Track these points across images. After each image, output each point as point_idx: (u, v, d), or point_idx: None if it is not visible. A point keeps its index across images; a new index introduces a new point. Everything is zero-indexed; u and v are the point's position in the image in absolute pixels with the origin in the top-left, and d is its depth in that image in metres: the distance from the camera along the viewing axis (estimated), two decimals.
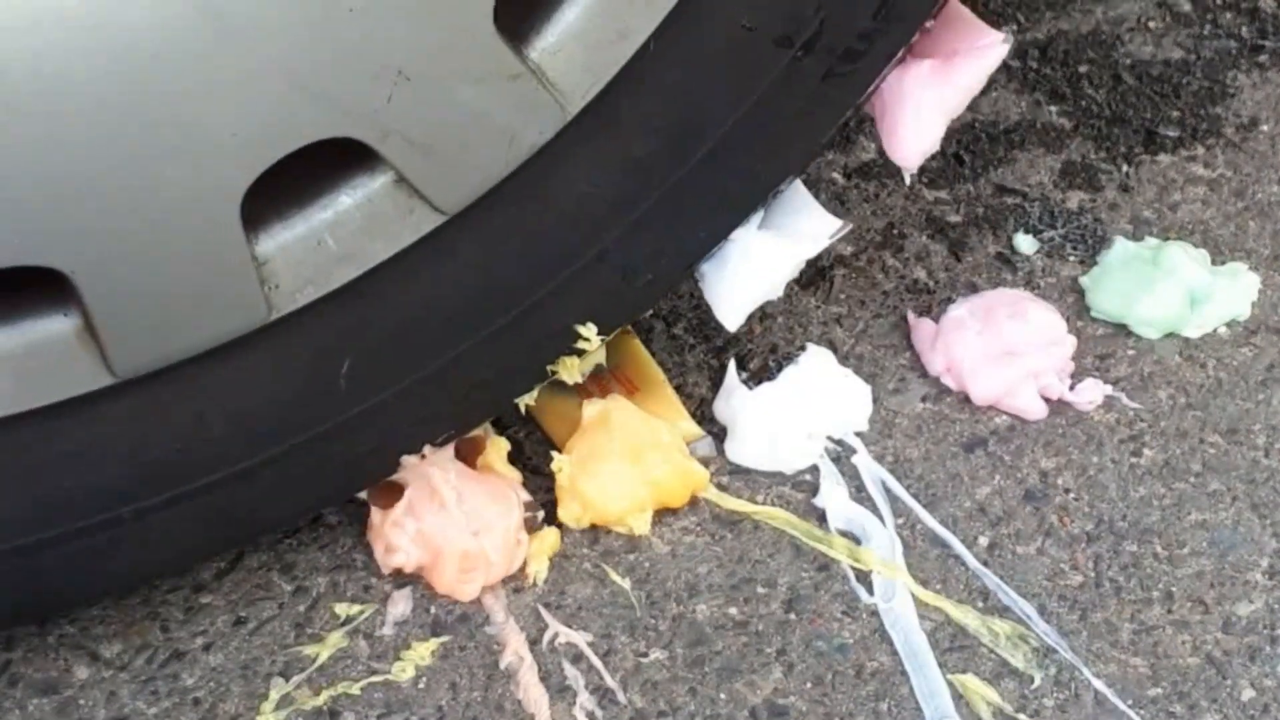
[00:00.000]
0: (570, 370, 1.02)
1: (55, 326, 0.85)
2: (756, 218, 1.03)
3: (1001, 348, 1.13)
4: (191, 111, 0.82)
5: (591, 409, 1.08)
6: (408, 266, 0.92)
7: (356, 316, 0.92)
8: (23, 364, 0.85)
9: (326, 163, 0.87)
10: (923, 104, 1.03)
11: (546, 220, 0.95)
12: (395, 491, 1.03)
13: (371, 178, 0.89)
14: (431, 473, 1.02)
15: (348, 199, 0.89)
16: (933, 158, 1.12)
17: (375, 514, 1.04)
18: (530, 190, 0.93)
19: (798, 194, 1.05)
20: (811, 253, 1.05)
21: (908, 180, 1.09)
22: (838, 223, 1.05)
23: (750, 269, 1.04)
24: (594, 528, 1.07)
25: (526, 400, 1.03)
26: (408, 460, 1.00)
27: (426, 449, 1.00)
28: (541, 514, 1.07)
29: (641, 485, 1.06)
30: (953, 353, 1.13)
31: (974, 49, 1.03)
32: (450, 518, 1.01)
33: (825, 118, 1.00)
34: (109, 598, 1.03)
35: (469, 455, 1.06)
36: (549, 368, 1.01)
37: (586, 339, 1.01)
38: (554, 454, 1.06)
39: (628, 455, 1.06)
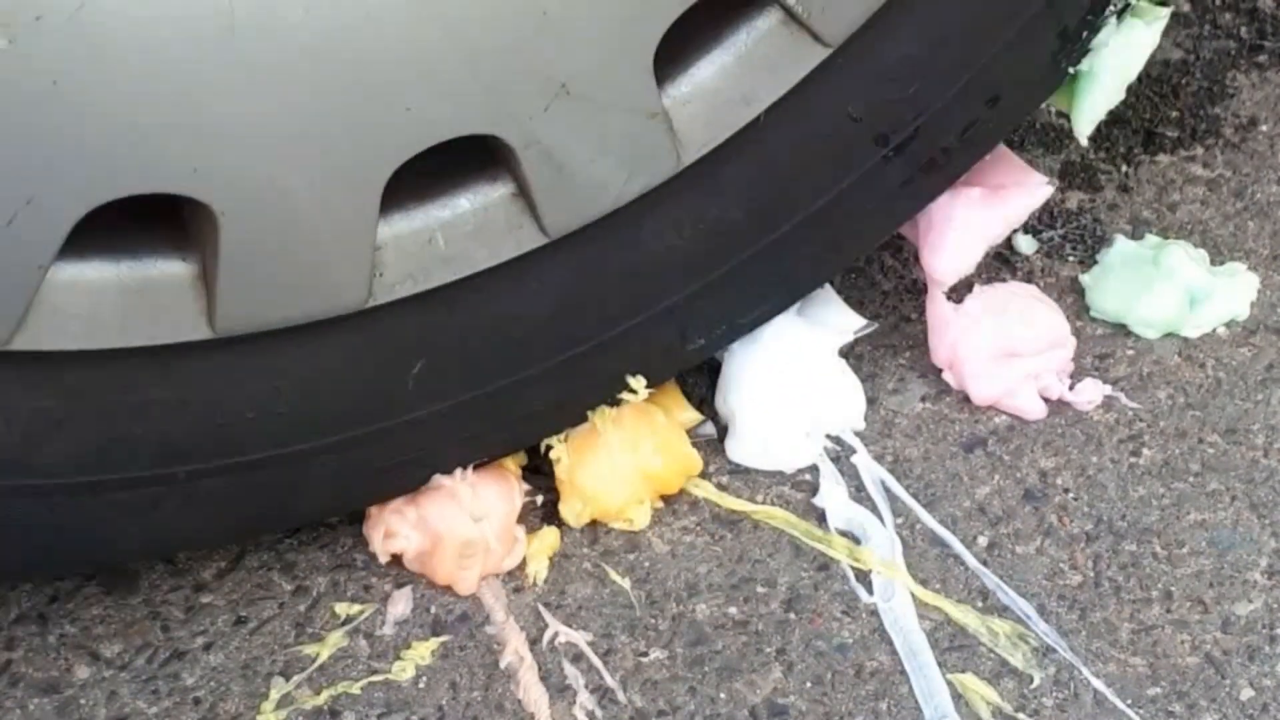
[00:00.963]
0: (604, 419, 1.04)
1: (173, 269, 0.86)
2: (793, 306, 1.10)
3: (1005, 349, 1.13)
4: (383, 79, 0.84)
5: None
6: (499, 281, 0.93)
7: (440, 321, 0.93)
8: (136, 299, 0.86)
9: (454, 163, 0.89)
10: (970, 227, 1.10)
11: (630, 264, 0.97)
12: None
13: (492, 186, 0.91)
14: None
15: (466, 203, 0.91)
16: None
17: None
18: (624, 231, 0.95)
19: (824, 288, 1.13)
20: (839, 344, 1.12)
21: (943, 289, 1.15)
22: (861, 320, 1.13)
23: (784, 353, 1.10)
24: (594, 525, 1.08)
25: None
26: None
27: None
28: (540, 498, 1.07)
29: (639, 474, 1.06)
30: (958, 350, 1.13)
31: (1021, 185, 1.12)
32: (452, 504, 1.01)
33: (889, 221, 1.07)
34: (131, 559, 1.02)
35: None
36: (588, 411, 1.03)
37: (634, 390, 1.03)
38: (554, 441, 1.06)
39: (624, 444, 1.06)
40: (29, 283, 0.82)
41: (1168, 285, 1.17)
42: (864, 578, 1.05)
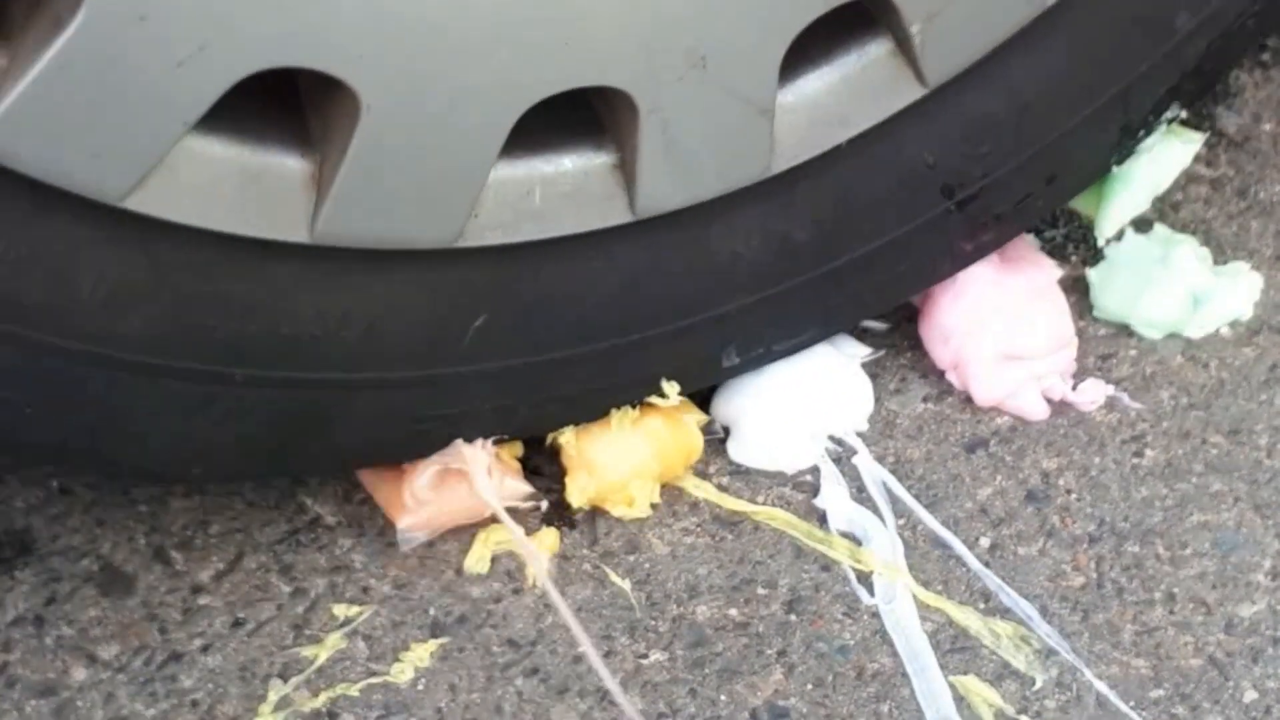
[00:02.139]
0: (620, 421, 1.05)
1: (291, 164, 0.86)
2: None
3: (1008, 351, 1.12)
4: (550, 11, 0.86)
5: None
6: (576, 251, 0.94)
7: (512, 278, 0.94)
8: (252, 186, 0.85)
9: (565, 121, 0.90)
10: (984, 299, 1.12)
11: (694, 264, 0.98)
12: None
13: (597, 153, 0.92)
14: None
15: (569, 163, 0.92)
16: None
17: (386, 478, 1.05)
18: (697, 228, 0.96)
19: None
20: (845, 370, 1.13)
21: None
22: (867, 349, 1.14)
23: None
24: (594, 525, 1.07)
25: None
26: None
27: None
28: (545, 504, 1.07)
29: (645, 444, 1.06)
30: (962, 352, 1.13)
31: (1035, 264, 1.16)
32: (472, 489, 1.02)
33: (931, 274, 1.09)
34: (156, 467, 1.01)
35: None
36: (614, 409, 1.04)
37: (665, 395, 1.04)
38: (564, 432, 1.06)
39: (631, 417, 1.06)
40: (165, 136, 0.81)
41: (1172, 285, 1.17)
42: (865, 579, 1.04)
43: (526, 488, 1.06)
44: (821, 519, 1.08)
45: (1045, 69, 1.02)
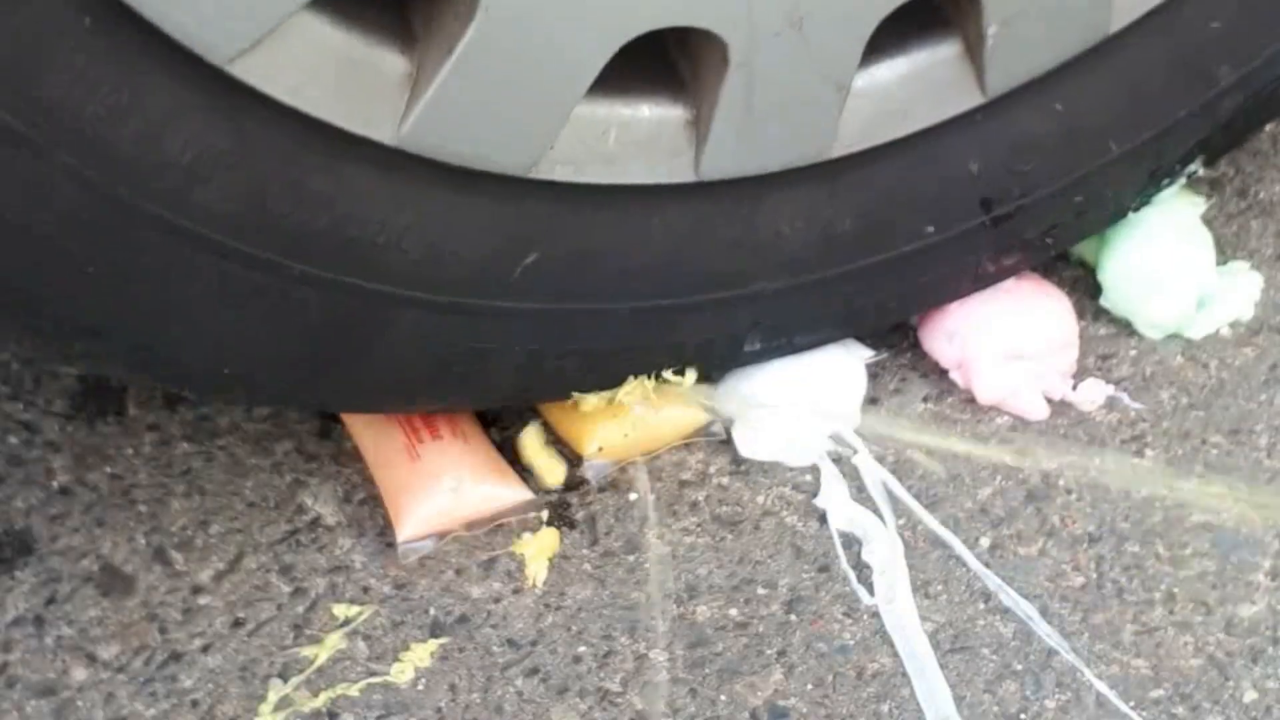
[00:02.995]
0: (631, 395, 1.06)
1: (393, 61, 0.86)
2: None
3: (1012, 350, 1.12)
4: None
5: None
6: (635, 203, 0.95)
7: (571, 220, 0.94)
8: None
9: (649, 68, 0.92)
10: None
11: (737, 237, 0.99)
12: None
13: (672, 105, 0.93)
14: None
15: (647, 111, 0.93)
16: None
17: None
18: (747, 202, 0.97)
19: None
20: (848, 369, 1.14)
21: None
22: (869, 350, 1.15)
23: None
24: (594, 526, 1.07)
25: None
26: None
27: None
28: (545, 514, 1.07)
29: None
30: (967, 350, 1.13)
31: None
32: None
33: (953, 289, 1.10)
34: (210, 372, 0.99)
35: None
36: (631, 376, 1.05)
37: (681, 376, 1.06)
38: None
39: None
40: (283, 6, 0.81)
41: (1181, 286, 1.16)
42: (865, 579, 1.04)
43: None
44: (821, 519, 1.08)
45: (1094, 98, 1.03)
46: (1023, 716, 0.97)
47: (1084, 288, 1.22)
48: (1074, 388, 1.14)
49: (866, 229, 1.02)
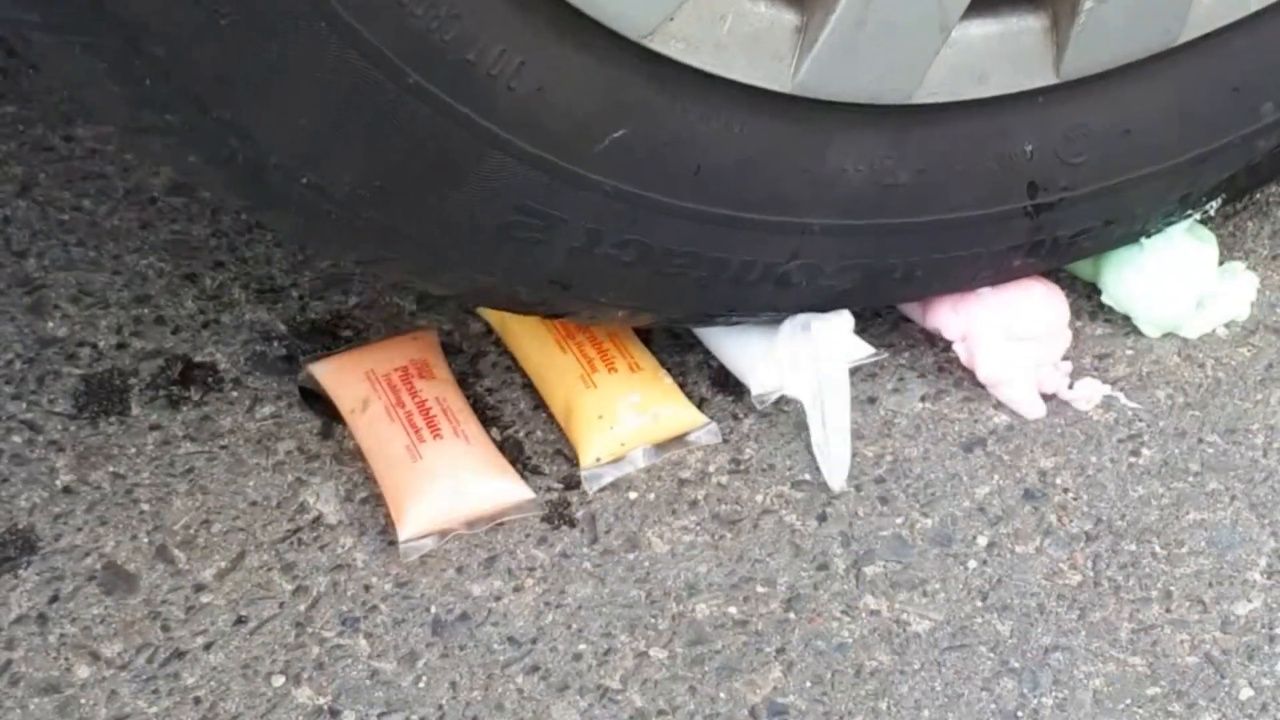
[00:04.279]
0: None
1: None
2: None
3: (1012, 328, 1.13)
4: None
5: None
6: (724, 100, 0.97)
7: (660, 99, 0.96)
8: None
9: None
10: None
11: (804, 168, 1.01)
12: None
13: (785, 9, 0.95)
14: None
15: (762, 8, 0.95)
16: None
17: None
18: (819, 135, 1.00)
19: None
20: (846, 363, 1.13)
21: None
22: (868, 350, 1.15)
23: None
24: (594, 525, 1.08)
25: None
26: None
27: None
28: (545, 499, 1.08)
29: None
30: (973, 324, 1.13)
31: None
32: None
33: (973, 274, 1.12)
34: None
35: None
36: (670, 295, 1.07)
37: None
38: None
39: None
40: None
41: (1183, 284, 1.17)
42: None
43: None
44: (820, 517, 1.08)
45: (1149, 105, 1.06)
46: (1020, 714, 0.98)
47: (1081, 287, 1.22)
48: (1070, 386, 1.15)
49: (920, 187, 1.04)
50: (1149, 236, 1.16)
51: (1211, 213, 1.16)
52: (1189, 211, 1.15)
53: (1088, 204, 1.09)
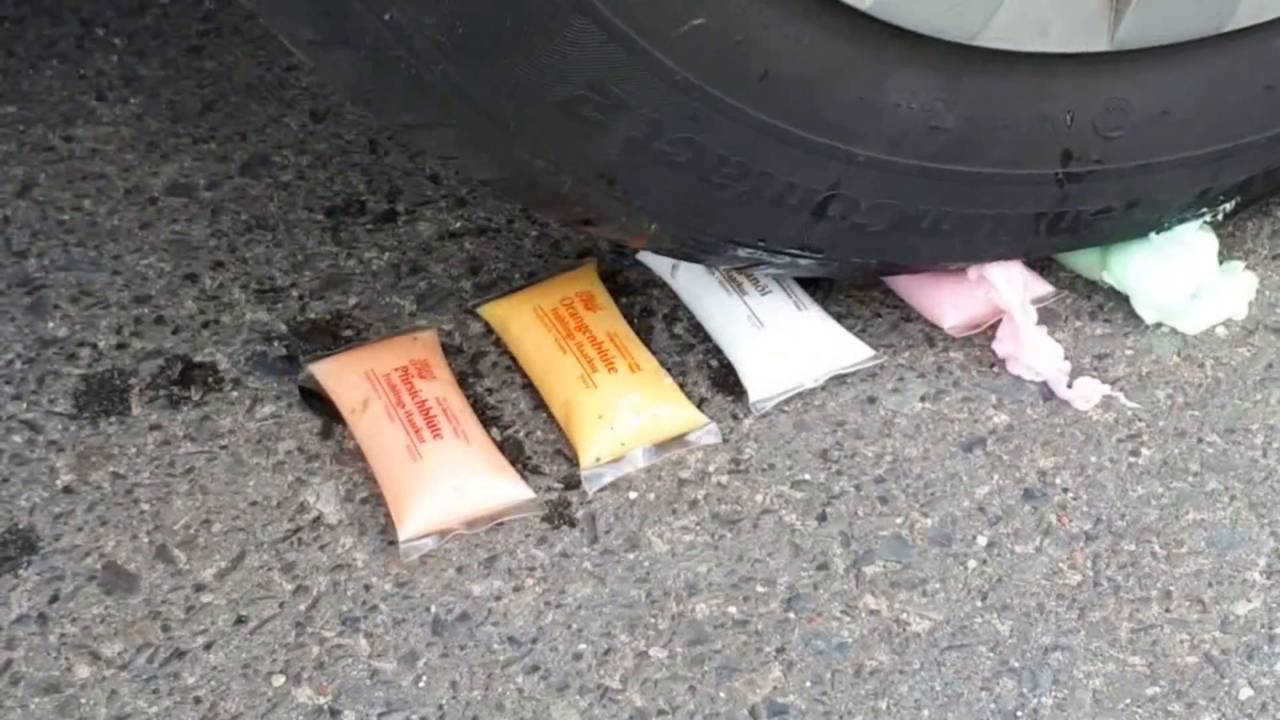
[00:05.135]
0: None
1: None
2: (817, 310, 1.18)
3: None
4: None
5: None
6: (800, 8, 0.97)
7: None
8: None
9: None
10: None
11: (869, 96, 1.01)
12: None
13: None
14: None
15: None
16: None
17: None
18: (884, 64, 1.01)
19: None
20: (849, 362, 1.17)
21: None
22: (868, 351, 1.17)
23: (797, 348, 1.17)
24: (595, 516, 1.08)
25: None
26: None
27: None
28: (545, 499, 1.08)
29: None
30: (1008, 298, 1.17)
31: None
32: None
33: (989, 242, 1.13)
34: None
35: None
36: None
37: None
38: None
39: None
40: None
41: (1185, 268, 1.17)
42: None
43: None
44: (820, 517, 1.09)
45: (1189, 90, 1.07)
46: (1020, 714, 0.98)
47: (1081, 287, 1.23)
48: (1069, 385, 1.15)
49: (963, 135, 1.05)
50: (1159, 232, 1.17)
51: (1222, 217, 1.17)
52: (1204, 209, 1.16)
53: (1115, 182, 1.10)
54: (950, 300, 1.18)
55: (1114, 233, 1.16)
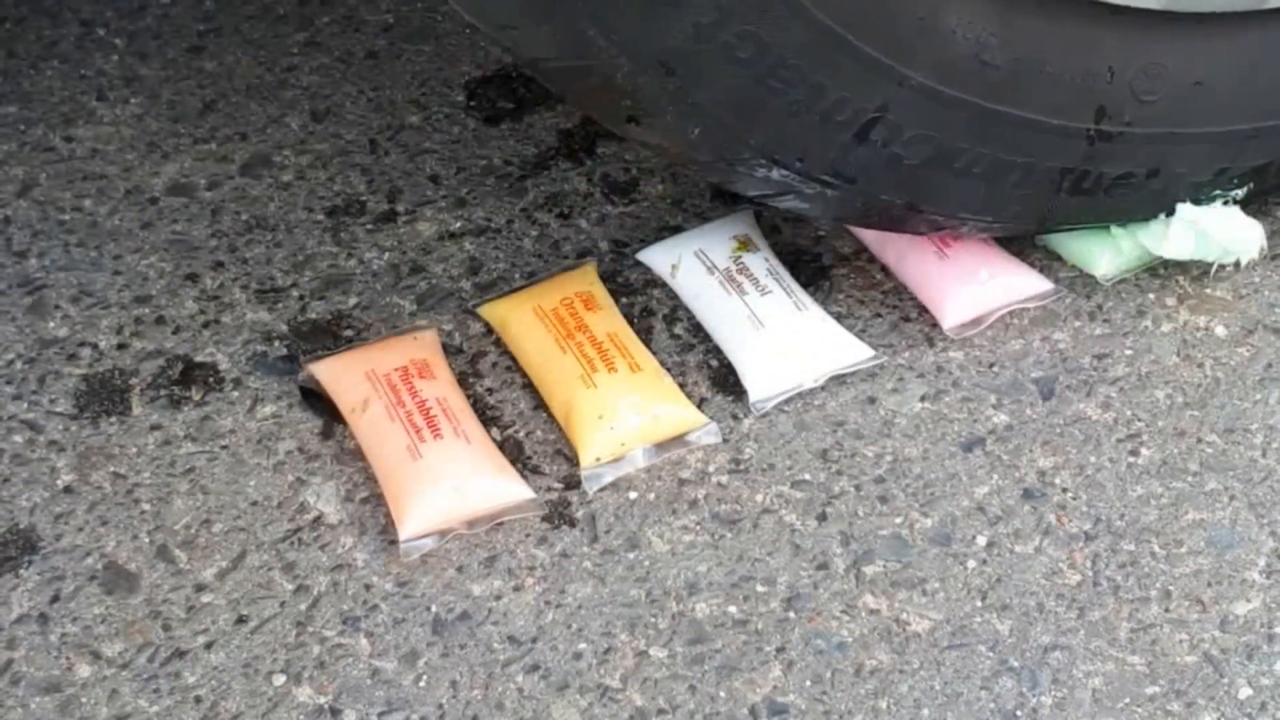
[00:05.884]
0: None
1: None
2: (817, 310, 1.19)
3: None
4: None
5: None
6: None
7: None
8: None
9: None
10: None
11: (928, 21, 1.03)
12: None
13: None
14: None
15: None
16: None
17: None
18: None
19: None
20: (849, 362, 1.18)
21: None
22: (868, 351, 1.18)
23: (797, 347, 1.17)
24: (595, 516, 1.08)
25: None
26: None
27: None
28: (545, 498, 1.08)
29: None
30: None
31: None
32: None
33: (1006, 199, 1.14)
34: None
35: None
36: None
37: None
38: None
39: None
40: None
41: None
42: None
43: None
44: (820, 517, 1.09)
45: (1225, 64, 1.09)
46: (1019, 713, 0.98)
47: (1081, 286, 1.23)
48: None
49: (1009, 75, 1.05)
50: (1170, 215, 1.18)
51: (1233, 204, 1.17)
52: (1217, 191, 1.17)
53: (1141, 147, 1.12)
54: (951, 302, 1.19)
55: (1130, 205, 1.17)
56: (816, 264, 1.25)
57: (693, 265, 1.21)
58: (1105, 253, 1.21)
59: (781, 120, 1.05)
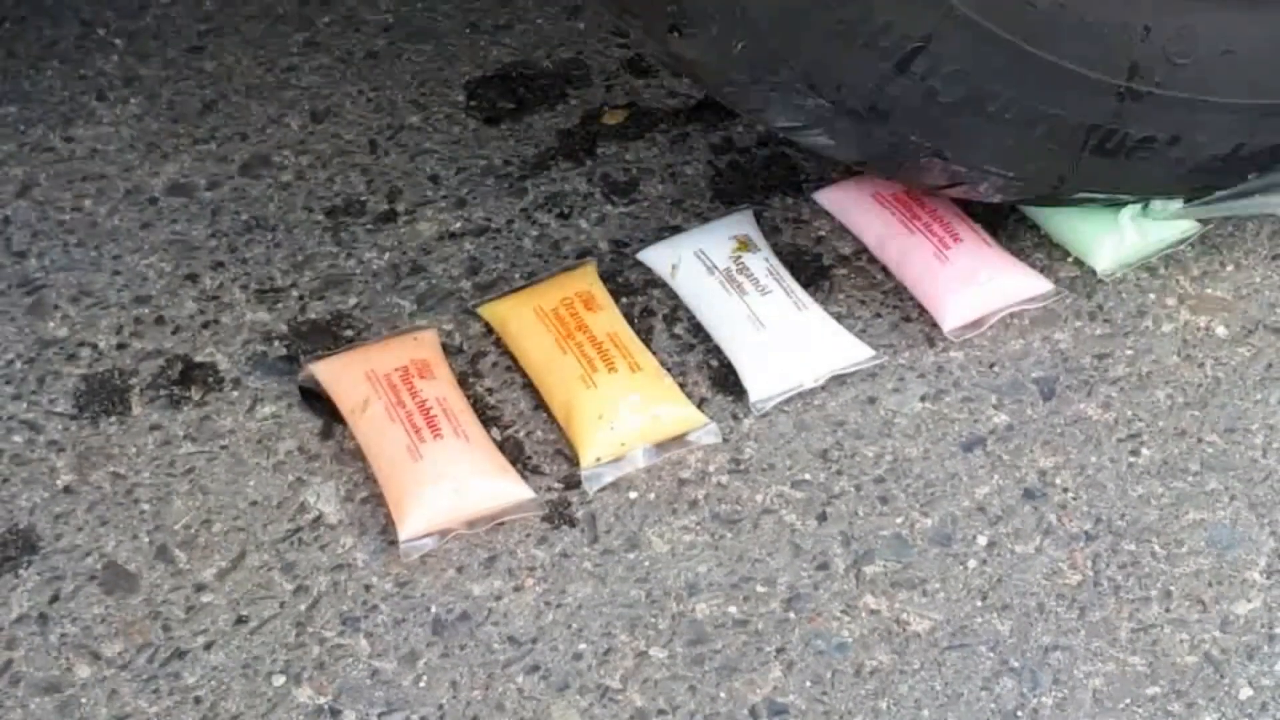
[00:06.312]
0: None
1: None
2: (817, 311, 1.19)
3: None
4: None
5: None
6: None
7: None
8: None
9: None
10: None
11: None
12: None
13: None
14: None
15: None
16: None
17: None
18: None
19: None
20: (849, 362, 1.18)
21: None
22: (868, 351, 1.18)
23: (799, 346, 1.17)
24: (595, 516, 1.08)
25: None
26: None
27: None
28: (545, 498, 1.08)
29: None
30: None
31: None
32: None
33: (1045, 151, 1.13)
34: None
35: None
36: None
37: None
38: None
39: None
40: None
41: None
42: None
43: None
44: (820, 517, 1.09)
45: (1255, 34, 1.10)
46: (1020, 714, 0.98)
47: (1081, 286, 1.23)
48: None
49: (1049, 18, 1.05)
50: (1186, 204, 1.19)
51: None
52: (1229, 174, 1.18)
53: (1167, 110, 1.12)
54: (951, 304, 1.19)
55: (1146, 170, 1.17)
56: (816, 264, 1.25)
57: (693, 265, 1.21)
58: (1108, 240, 1.21)
59: (828, 41, 1.03)
